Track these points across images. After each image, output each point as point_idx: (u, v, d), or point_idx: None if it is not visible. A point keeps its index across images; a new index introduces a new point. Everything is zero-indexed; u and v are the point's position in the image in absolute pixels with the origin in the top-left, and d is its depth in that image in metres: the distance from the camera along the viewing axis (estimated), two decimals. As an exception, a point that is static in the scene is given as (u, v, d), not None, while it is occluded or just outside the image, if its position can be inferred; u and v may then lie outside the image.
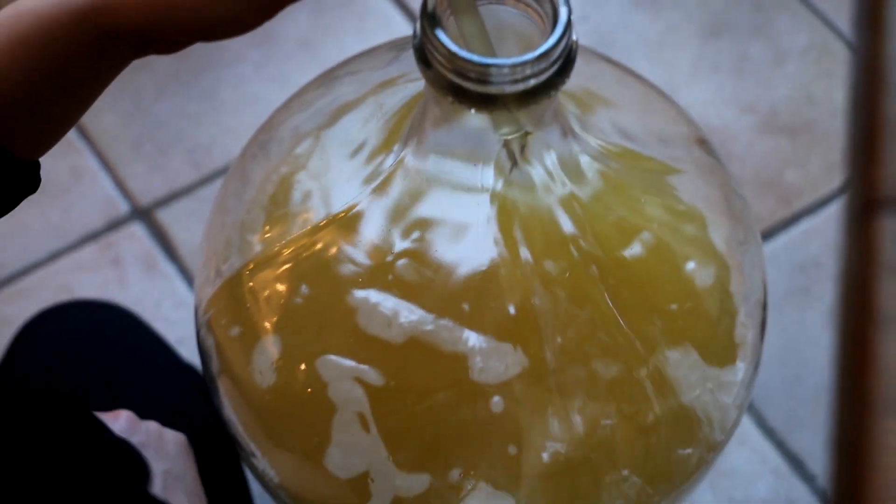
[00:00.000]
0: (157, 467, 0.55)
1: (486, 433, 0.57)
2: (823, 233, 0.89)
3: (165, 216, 0.89)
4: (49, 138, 0.45)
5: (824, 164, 0.91)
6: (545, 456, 0.57)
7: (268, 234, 0.60)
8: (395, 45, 0.62)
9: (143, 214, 0.89)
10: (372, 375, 0.56)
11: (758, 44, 0.98)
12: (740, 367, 0.61)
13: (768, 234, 0.89)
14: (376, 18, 1.00)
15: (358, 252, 0.56)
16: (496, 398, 0.54)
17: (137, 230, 0.88)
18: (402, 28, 0.97)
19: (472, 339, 0.55)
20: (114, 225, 0.89)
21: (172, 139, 0.94)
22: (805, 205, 0.92)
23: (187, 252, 0.87)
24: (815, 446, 0.80)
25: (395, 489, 0.57)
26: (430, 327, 0.55)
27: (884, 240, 0.28)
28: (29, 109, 0.42)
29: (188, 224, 0.89)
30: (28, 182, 0.43)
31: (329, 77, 0.64)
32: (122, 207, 0.89)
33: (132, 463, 0.41)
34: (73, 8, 0.41)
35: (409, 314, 0.56)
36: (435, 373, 0.55)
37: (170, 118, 0.95)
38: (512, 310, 0.54)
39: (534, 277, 0.55)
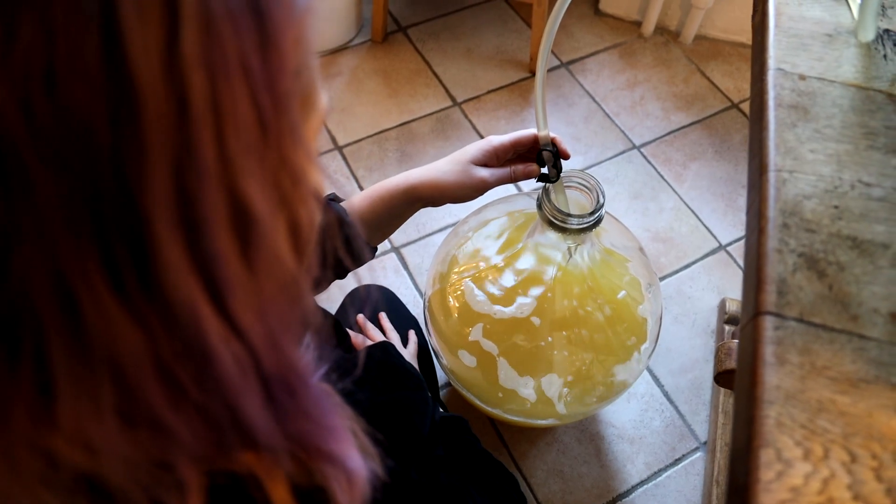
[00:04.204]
0: (408, 355, 0.96)
1: (543, 353, 0.91)
2: (684, 280, 1.41)
3: (406, 251, 1.43)
4: (383, 239, 0.78)
5: (676, 255, 1.45)
6: (561, 364, 0.91)
7: (454, 271, 0.97)
8: (509, 198, 0.99)
9: (396, 250, 1.46)
10: (493, 334, 0.91)
11: (653, 203, 1.52)
12: (646, 349, 0.96)
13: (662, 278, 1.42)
14: (505, 190, 1.51)
15: (492, 284, 0.91)
16: (549, 338, 0.89)
17: (394, 256, 1.45)
18: (513, 189, 1.54)
19: (536, 312, 0.89)
20: (381, 255, 1.44)
21: (417, 219, 1.48)
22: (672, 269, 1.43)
23: (413, 268, 1.43)
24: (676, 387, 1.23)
25: (520, 384, 0.92)
26: (516, 311, 0.89)
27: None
28: (381, 228, 0.75)
29: (413, 255, 1.44)
30: (373, 253, 0.78)
31: (482, 208, 1.01)
32: (387, 245, 1.46)
33: (418, 376, 0.64)
34: (402, 188, 0.72)
35: (504, 310, 0.90)
36: (524, 328, 0.90)
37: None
38: (560, 306, 0.89)
39: (567, 292, 0.89)
